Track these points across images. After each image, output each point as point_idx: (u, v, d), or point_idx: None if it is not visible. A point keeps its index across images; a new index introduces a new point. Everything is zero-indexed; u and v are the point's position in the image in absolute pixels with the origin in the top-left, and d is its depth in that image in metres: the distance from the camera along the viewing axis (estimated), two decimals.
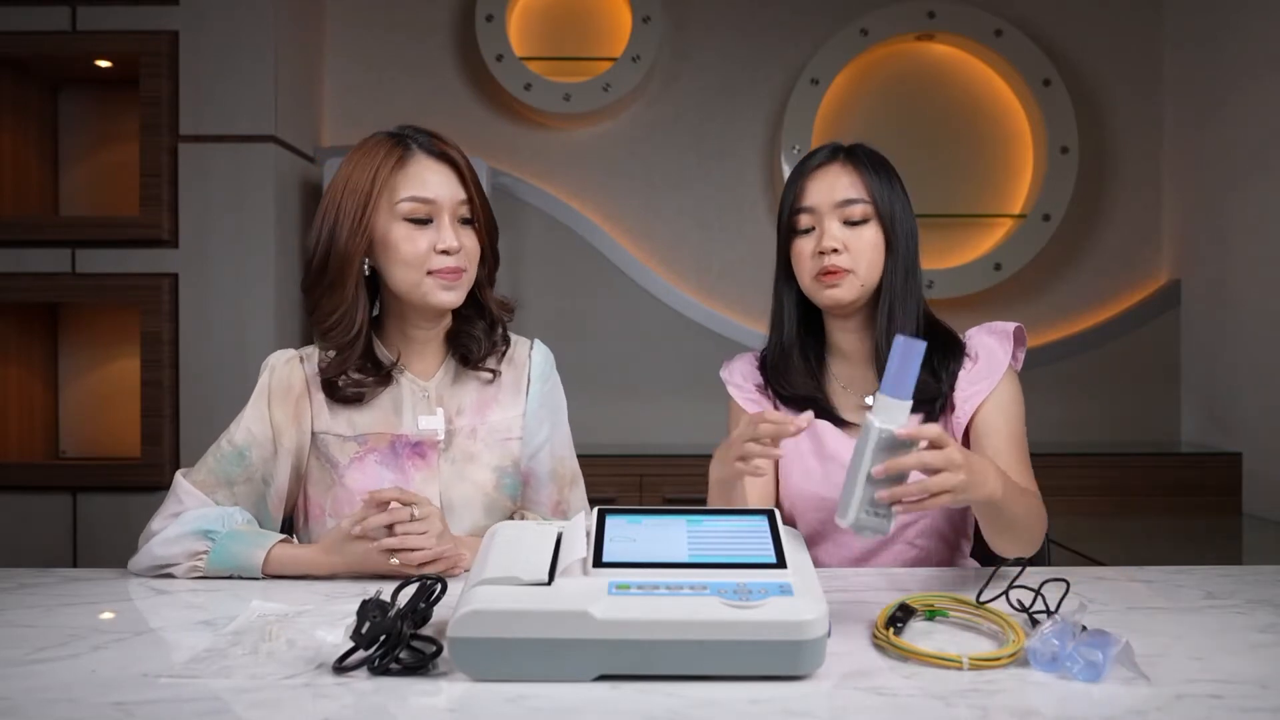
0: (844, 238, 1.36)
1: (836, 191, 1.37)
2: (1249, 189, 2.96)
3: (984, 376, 1.37)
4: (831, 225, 1.36)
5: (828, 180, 1.38)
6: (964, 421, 1.36)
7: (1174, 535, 2.62)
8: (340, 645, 0.91)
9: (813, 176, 1.39)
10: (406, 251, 1.28)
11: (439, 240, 1.28)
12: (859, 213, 1.36)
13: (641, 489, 2.87)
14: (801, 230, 1.39)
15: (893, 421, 0.97)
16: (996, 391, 1.36)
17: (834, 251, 1.35)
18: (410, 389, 1.36)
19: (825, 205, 1.37)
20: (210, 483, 1.32)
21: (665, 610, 0.85)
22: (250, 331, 2.82)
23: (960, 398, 1.37)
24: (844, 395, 1.45)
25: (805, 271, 1.39)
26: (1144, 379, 3.32)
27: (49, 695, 0.83)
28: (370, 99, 3.32)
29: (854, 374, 1.45)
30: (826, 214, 1.37)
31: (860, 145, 1.43)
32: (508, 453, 1.40)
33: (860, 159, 1.39)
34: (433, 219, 1.29)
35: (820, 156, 1.41)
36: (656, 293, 3.29)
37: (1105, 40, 3.36)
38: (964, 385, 1.38)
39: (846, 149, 1.41)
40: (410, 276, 1.29)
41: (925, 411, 1.38)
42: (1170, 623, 1.04)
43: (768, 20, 3.34)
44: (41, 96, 3.04)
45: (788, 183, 1.43)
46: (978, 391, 1.36)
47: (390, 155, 1.29)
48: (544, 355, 1.46)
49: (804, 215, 1.39)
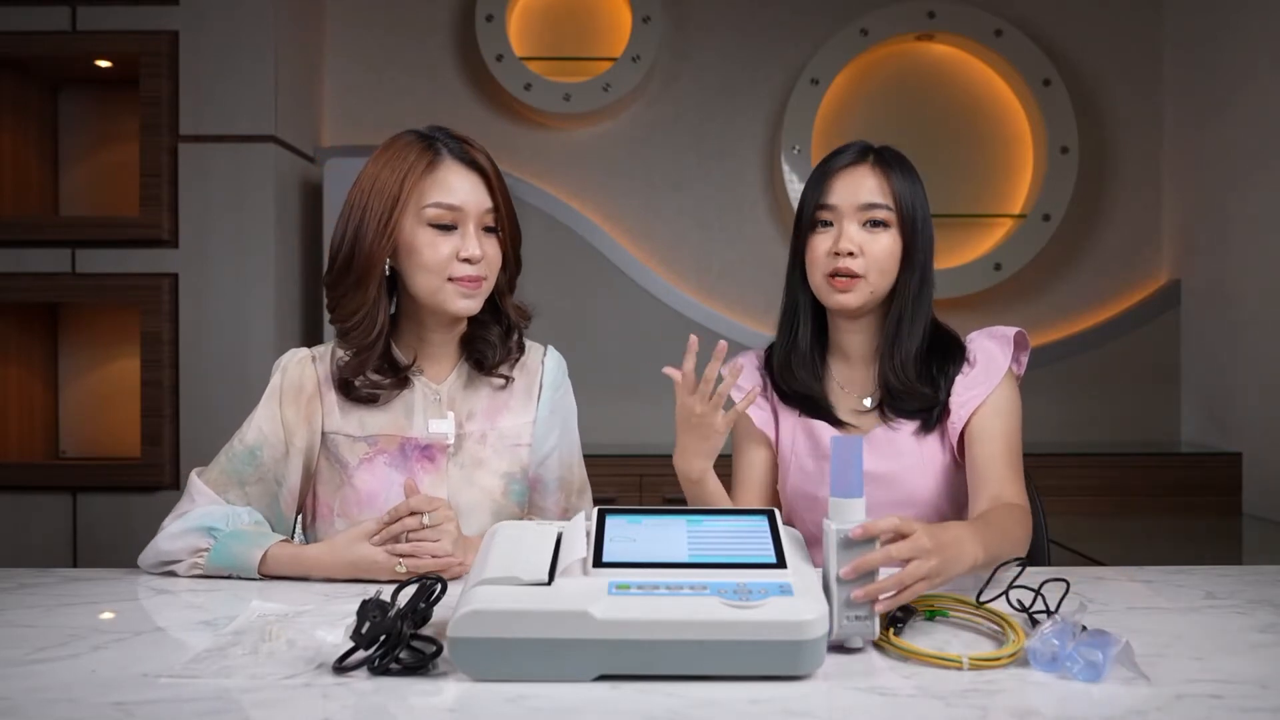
0: (861, 241, 1.35)
1: (861, 194, 1.36)
2: (1249, 189, 2.95)
3: (981, 381, 1.37)
4: (850, 227, 1.35)
5: (853, 181, 1.37)
6: (959, 426, 1.36)
7: (1174, 535, 2.62)
8: (340, 645, 0.91)
9: (839, 175, 1.38)
10: (429, 257, 1.27)
11: (462, 248, 1.28)
12: (881, 216, 1.35)
13: (641, 489, 2.87)
14: (820, 226, 1.38)
15: (848, 521, 0.94)
16: (993, 397, 1.35)
17: (849, 255, 1.34)
18: (422, 392, 1.36)
19: (848, 206, 1.36)
20: (222, 482, 1.32)
21: (665, 610, 0.85)
22: (250, 331, 2.82)
23: (956, 402, 1.37)
24: (842, 395, 1.45)
25: (818, 269, 1.38)
26: (1144, 379, 3.32)
27: (49, 695, 0.83)
28: (370, 99, 3.32)
29: (853, 375, 1.45)
30: (848, 215, 1.36)
31: (889, 148, 1.41)
32: (516, 459, 1.40)
33: (889, 163, 1.38)
34: (457, 226, 1.29)
35: (848, 156, 1.39)
36: (656, 293, 3.29)
37: (1105, 40, 3.36)
38: (960, 390, 1.37)
39: (876, 150, 1.40)
40: (431, 282, 1.28)
41: (923, 419, 1.38)
42: (1170, 623, 1.04)
43: (768, 20, 3.34)
44: (41, 96, 3.04)
45: (811, 178, 1.41)
46: (974, 396, 1.36)
47: (420, 159, 1.28)
48: (557, 362, 1.46)
49: (824, 212, 1.38)
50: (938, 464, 1.38)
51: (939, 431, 1.39)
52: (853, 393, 1.44)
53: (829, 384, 1.45)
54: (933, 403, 1.37)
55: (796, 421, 1.45)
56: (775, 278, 1.43)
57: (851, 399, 1.44)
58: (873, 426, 1.41)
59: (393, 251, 1.30)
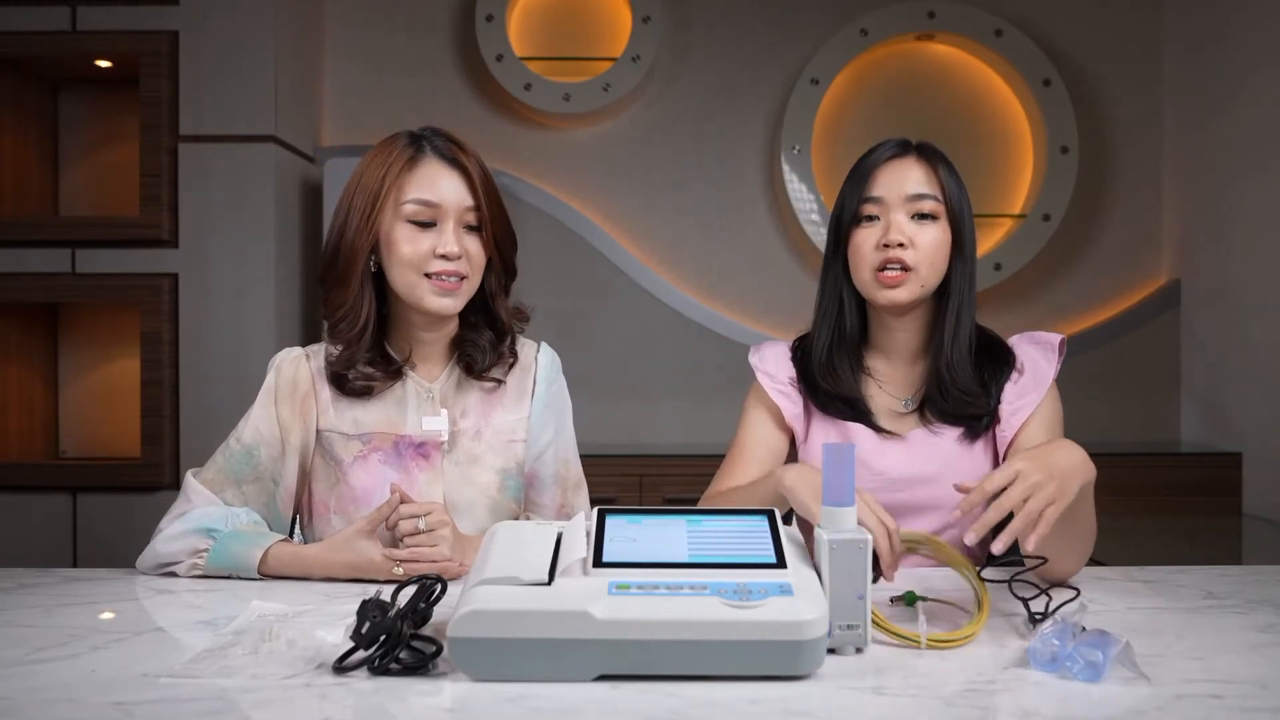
0: (911, 233, 1.32)
1: (908, 185, 1.33)
2: (1249, 189, 2.95)
3: (1031, 390, 1.35)
4: (899, 218, 1.32)
5: (899, 172, 1.34)
6: (1009, 436, 1.33)
7: (1174, 535, 2.62)
8: (340, 645, 0.91)
9: (883, 168, 1.35)
10: (406, 252, 1.28)
11: (440, 244, 1.28)
12: (929, 208, 1.33)
13: (641, 489, 2.87)
14: (865, 220, 1.34)
15: (841, 530, 0.93)
16: (1041, 408, 1.34)
17: (899, 246, 1.30)
18: (415, 389, 1.36)
19: (895, 198, 1.33)
20: (219, 481, 1.32)
21: (665, 610, 0.85)
22: (250, 331, 2.82)
23: (1007, 410, 1.34)
24: (879, 396, 1.40)
25: (865, 265, 1.33)
26: (1144, 379, 3.32)
27: (49, 695, 0.83)
28: (370, 99, 3.32)
29: (894, 373, 1.41)
30: (895, 206, 1.33)
31: (929, 142, 1.39)
32: (512, 455, 1.40)
33: (933, 155, 1.36)
34: (437, 222, 1.29)
35: (890, 149, 1.37)
36: (656, 293, 3.29)
37: (1105, 40, 3.36)
38: (1011, 398, 1.34)
39: (917, 144, 1.38)
40: (407, 277, 1.29)
41: (969, 425, 1.34)
42: (1170, 623, 1.04)
43: (768, 20, 3.34)
44: (41, 96, 3.04)
45: (852, 174, 1.38)
46: (1025, 405, 1.33)
47: (403, 155, 1.29)
48: (550, 358, 1.46)
49: (870, 205, 1.34)
50: (981, 472, 1.33)
51: (985, 439, 1.36)
52: (891, 392, 1.40)
53: (866, 383, 1.41)
54: (984, 409, 1.33)
55: (829, 425, 1.40)
56: (775, 278, 1.43)
57: (890, 399, 1.40)
58: (911, 429, 1.37)
59: (374, 246, 1.31)
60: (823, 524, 0.95)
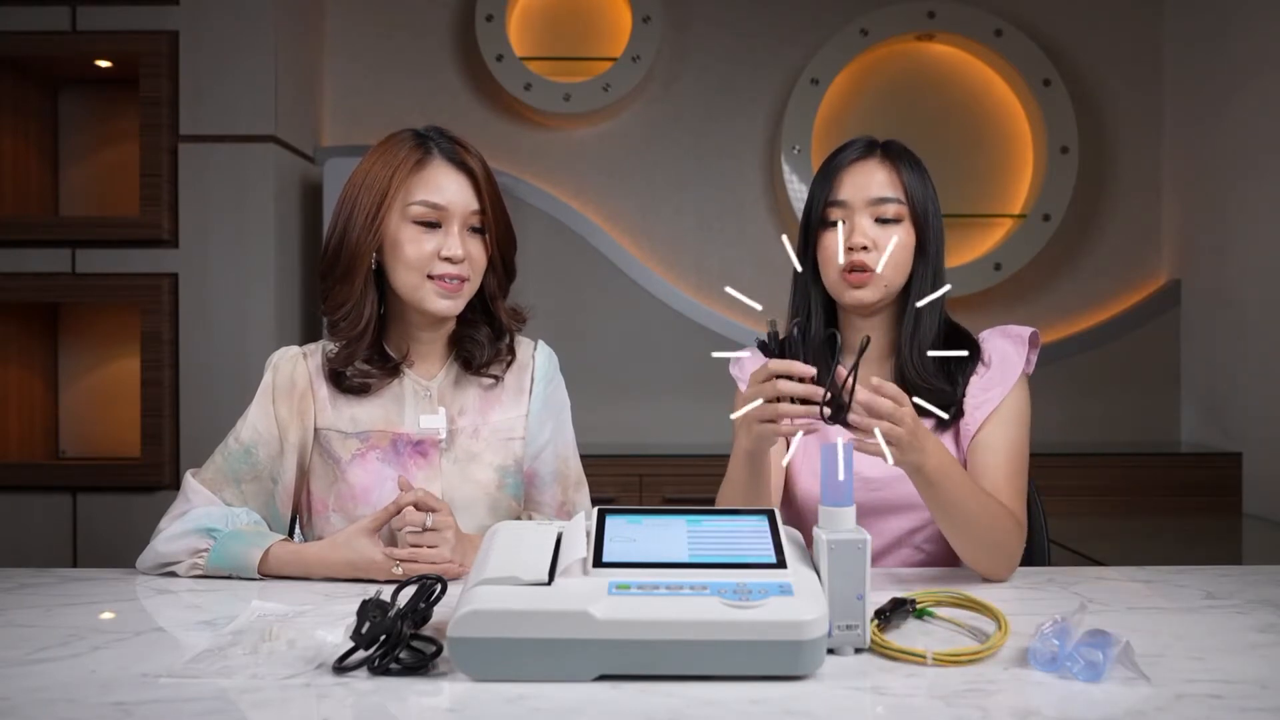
0: (874, 235, 1.33)
1: (871, 188, 1.34)
2: (1249, 189, 2.95)
3: (997, 383, 1.35)
4: (862, 221, 1.34)
5: (863, 175, 1.35)
6: (972, 429, 1.34)
7: (1174, 535, 2.62)
8: (340, 645, 0.91)
9: (847, 170, 1.36)
10: (410, 254, 1.28)
11: (444, 247, 1.28)
12: (892, 211, 1.34)
13: (641, 489, 2.87)
14: (831, 224, 1.36)
15: (840, 531, 0.94)
16: (1006, 403, 1.34)
17: (863, 249, 1.32)
18: (413, 387, 1.37)
19: (858, 201, 1.34)
20: (218, 481, 1.32)
21: (665, 610, 0.85)
22: (250, 331, 2.82)
23: (971, 404, 1.34)
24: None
25: (831, 267, 1.35)
26: (1144, 379, 3.32)
27: (49, 695, 0.83)
28: (370, 99, 3.32)
29: (864, 373, 1.42)
30: (859, 210, 1.34)
31: (895, 141, 1.40)
32: (510, 452, 1.40)
33: (898, 156, 1.37)
34: (442, 224, 1.29)
35: (856, 150, 1.38)
36: (656, 293, 3.29)
37: (1105, 40, 3.36)
38: (975, 391, 1.35)
39: (883, 144, 1.39)
40: (411, 279, 1.29)
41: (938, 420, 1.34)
42: (1170, 623, 1.04)
43: (768, 20, 3.34)
44: (41, 96, 3.04)
45: (819, 175, 1.40)
46: (989, 399, 1.34)
47: (410, 156, 1.29)
48: (547, 356, 1.46)
49: (835, 209, 1.36)
50: None
51: (952, 432, 1.37)
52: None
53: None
54: (950, 400, 1.34)
55: None
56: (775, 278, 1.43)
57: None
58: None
59: (379, 246, 1.31)
60: (822, 524, 0.96)
